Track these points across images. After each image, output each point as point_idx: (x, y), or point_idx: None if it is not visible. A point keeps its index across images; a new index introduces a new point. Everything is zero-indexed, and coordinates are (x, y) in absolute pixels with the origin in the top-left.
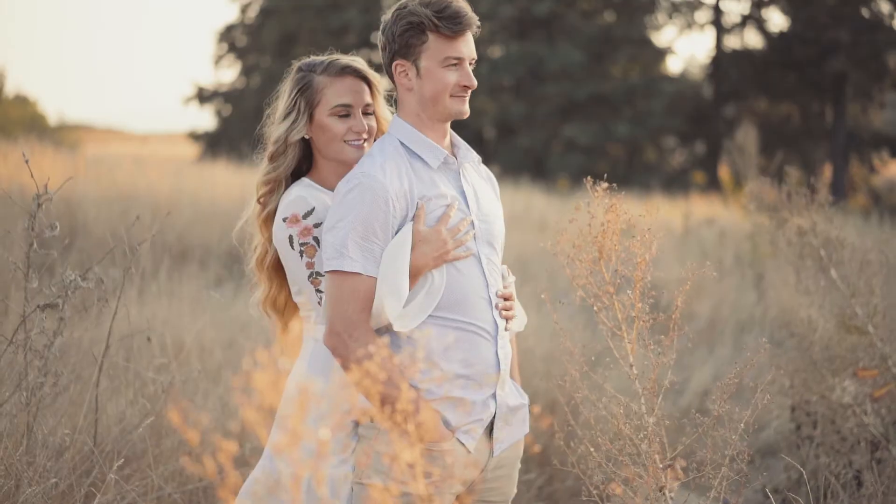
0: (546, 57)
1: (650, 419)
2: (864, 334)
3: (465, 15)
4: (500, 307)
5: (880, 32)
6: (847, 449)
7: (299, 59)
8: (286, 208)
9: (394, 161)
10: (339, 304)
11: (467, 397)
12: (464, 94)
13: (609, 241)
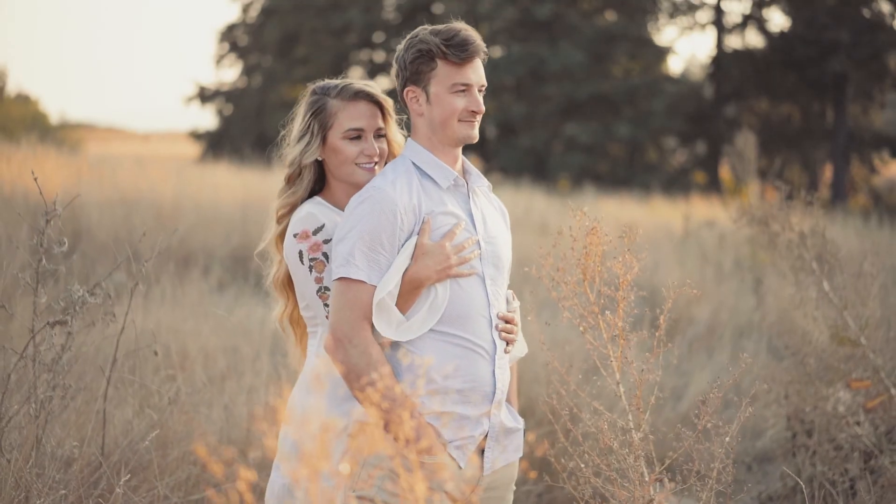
0: (547, 57)
1: (637, 434)
2: (857, 346)
3: (472, 43)
4: (500, 328)
5: (881, 33)
6: (841, 458)
7: (314, 82)
8: (297, 224)
9: (405, 178)
10: (342, 310)
11: (461, 412)
12: (472, 119)
13: (592, 263)
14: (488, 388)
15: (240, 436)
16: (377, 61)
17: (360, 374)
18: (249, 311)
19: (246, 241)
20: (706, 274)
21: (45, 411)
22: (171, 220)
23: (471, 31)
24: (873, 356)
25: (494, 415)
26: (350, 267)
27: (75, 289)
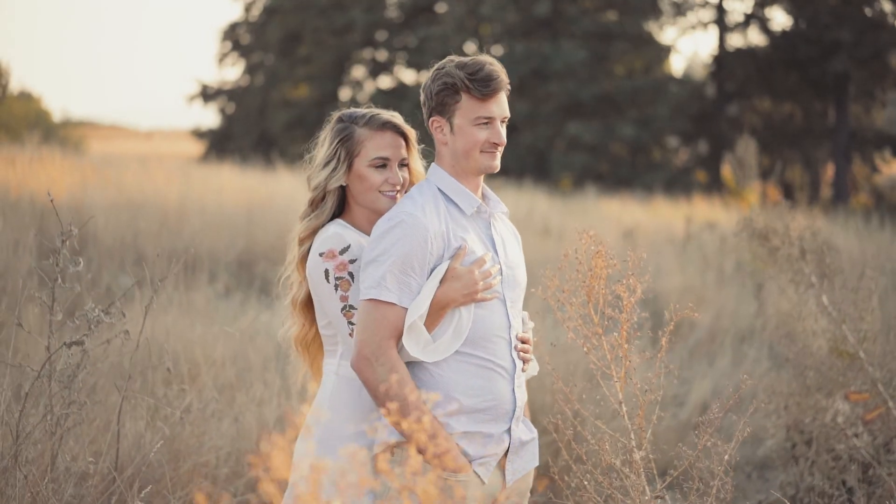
0: (549, 55)
1: (639, 453)
2: (856, 359)
3: (496, 79)
4: (519, 349)
5: (883, 32)
6: (840, 468)
7: (339, 110)
8: (323, 243)
9: (432, 204)
10: (369, 330)
11: (484, 431)
12: (493, 151)
13: (597, 285)
14: (509, 406)
15: (249, 447)
16: (379, 60)
17: (388, 396)
18: (256, 317)
19: (251, 245)
20: (707, 278)
21: (61, 428)
22: (177, 225)
23: (496, 65)
24: (872, 369)
25: (514, 430)
26: (382, 290)
27: (90, 307)
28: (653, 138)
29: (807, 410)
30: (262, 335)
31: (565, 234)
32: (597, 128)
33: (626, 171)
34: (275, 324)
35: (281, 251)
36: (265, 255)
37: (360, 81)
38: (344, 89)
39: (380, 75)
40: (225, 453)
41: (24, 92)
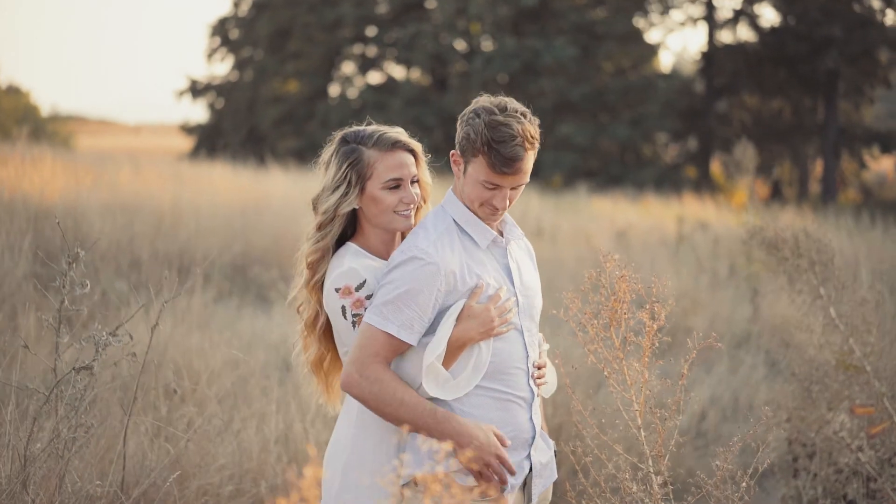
0: (540, 50)
1: (657, 479)
2: (862, 372)
3: (518, 161)
4: (535, 376)
5: (872, 28)
6: (842, 481)
7: (341, 130)
8: (339, 279)
9: (447, 237)
10: (359, 348)
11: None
12: (494, 213)
13: (619, 309)
14: (528, 435)
15: (252, 466)
16: (369, 56)
17: (382, 402)
18: (252, 323)
19: (246, 248)
20: (701, 282)
21: (69, 451)
22: (172, 228)
23: (523, 143)
24: (878, 384)
25: (533, 456)
26: (381, 318)
27: (97, 330)
28: (642, 135)
29: (811, 424)
30: (260, 341)
31: (559, 234)
32: (588, 128)
33: (616, 169)
34: (272, 329)
35: (276, 255)
36: (260, 259)
37: (350, 77)
38: (334, 85)
39: (369, 71)
40: (228, 473)
41: (13, 86)
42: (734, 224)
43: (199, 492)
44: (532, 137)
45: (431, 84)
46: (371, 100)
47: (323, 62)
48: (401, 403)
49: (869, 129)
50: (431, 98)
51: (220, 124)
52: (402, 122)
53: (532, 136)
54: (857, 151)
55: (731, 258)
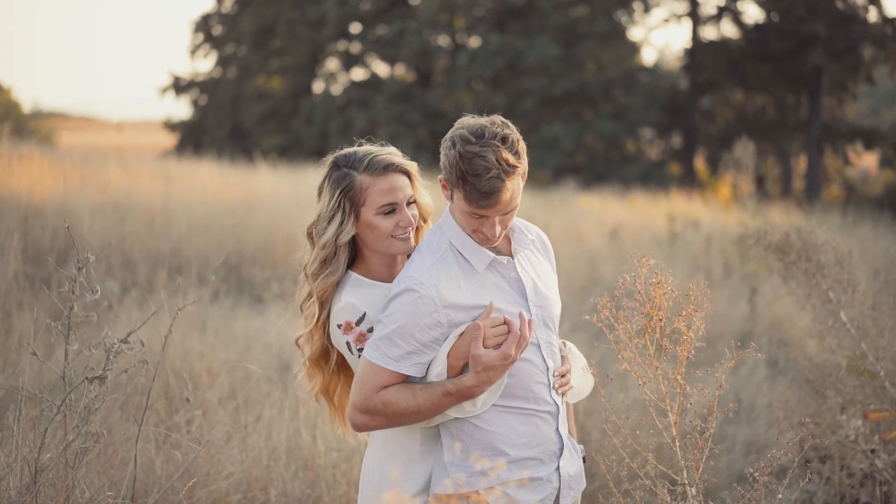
0: (524, 50)
1: (692, 490)
2: (875, 377)
3: (495, 194)
4: (557, 386)
5: (855, 25)
6: (855, 485)
7: (332, 152)
8: (339, 315)
9: (443, 263)
10: (359, 385)
11: (535, 475)
12: (483, 241)
13: (655, 316)
14: (555, 448)
15: (260, 473)
16: (353, 52)
17: (401, 418)
18: (247, 324)
19: (238, 248)
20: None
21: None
22: (163, 228)
23: (499, 174)
24: (892, 389)
25: (563, 468)
26: (377, 352)
27: (108, 337)
28: (626, 130)
29: (825, 429)
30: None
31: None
32: (572, 124)
33: (601, 166)
34: (268, 330)
35: (269, 254)
36: (253, 259)
37: (334, 74)
38: (318, 82)
39: (353, 67)
40: (236, 481)
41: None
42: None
43: (207, 500)
44: (510, 165)
45: (416, 81)
46: (355, 96)
47: (307, 59)
48: (417, 409)
49: (852, 126)
50: (416, 95)
51: (203, 121)
52: (387, 118)
53: (510, 163)
54: (841, 148)
55: (725, 256)
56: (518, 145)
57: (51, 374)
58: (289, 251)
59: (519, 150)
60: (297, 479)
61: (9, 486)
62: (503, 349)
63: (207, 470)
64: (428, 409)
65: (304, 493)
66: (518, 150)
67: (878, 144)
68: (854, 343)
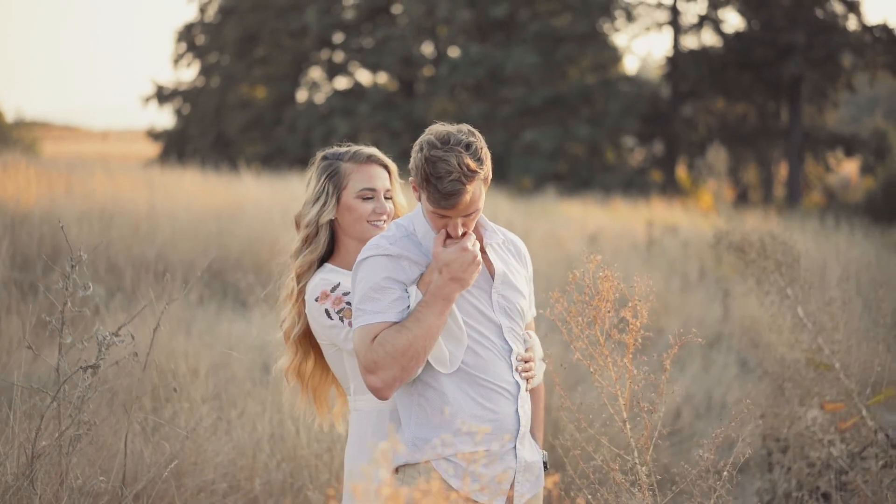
0: (504, 59)
1: (643, 469)
2: (831, 370)
3: (456, 195)
4: (520, 369)
5: (835, 34)
6: (815, 475)
7: (323, 150)
8: (313, 291)
9: (408, 241)
10: (361, 347)
11: (490, 449)
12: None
13: (603, 308)
14: (512, 426)
15: (246, 463)
16: (336, 61)
17: (397, 352)
18: (230, 327)
19: (223, 253)
20: (672, 285)
21: (75, 450)
22: (148, 234)
23: (460, 177)
24: (847, 380)
25: (519, 450)
26: (361, 316)
27: (100, 330)
28: (608, 138)
29: (784, 420)
30: (240, 344)
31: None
32: (553, 132)
33: (583, 173)
34: (251, 333)
35: (253, 258)
36: (237, 264)
37: (318, 82)
38: (301, 90)
39: (337, 76)
40: (222, 471)
41: None
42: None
43: (194, 488)
44: (471, 170)
45: (399, 89)
46: (338, 105)
47: (290, 68)
48: (412, 338)
49: (833, 133)
50: (399, 103)
51: (186, 130)
52: (370, 127)
53: (471, 168)
54: (822, 155)
55: (701, 261)
56: (481, 152)
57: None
58: (272, 257)
59: (482, 156)
60: (281, 470)
61: (6, 471)
62: (460, 243)
63: (194, 459)
64: (420, 331)
65: (287, 482)
66: (481, 157)
67: (858, 151)
68: (811, 338)
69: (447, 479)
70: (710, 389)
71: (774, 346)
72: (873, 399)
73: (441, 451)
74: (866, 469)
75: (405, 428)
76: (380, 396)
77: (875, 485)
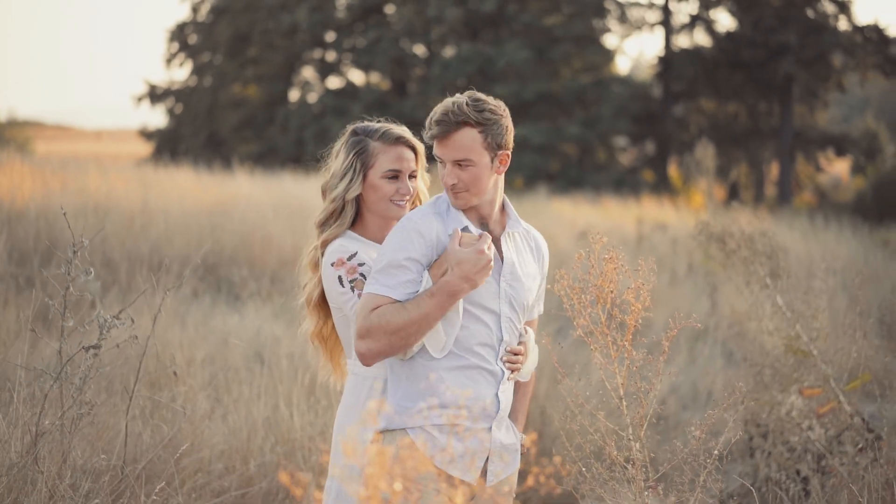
0: (495, 56)
1: (636, 445)
2: (809, 356)
3: (440, 125)
4: (505, 359)
5: (826, 34)
6: (795, 459)
7: (353, 123)
8: (331, 255)
9: (439, 220)
10: (359, 316)
11: (466, 426)
12: (450, 191)
13: (607, 288)
14: (490, 408)
15: (241, 445)
16: (329, 61)
17: (393, 329)
18: (225, 320)
19: (216, 248)
20: (661, 279)
21: (77, 428)
22: (142, 229)
23: (448, 115)
24: (824, 366)
25: (495, 431)
26: (376, 285)
27: (101, 314)
28: (599, 139)
29: (763, 406)
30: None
31: None
32: (544, 128)
33: (575, 172)
34: (245, 326)
35: (246, 253)
36: (231, 259)
37: (310, 82)
38: (293, 90)
39: (329, 76)
40: (218, 451)
41: None
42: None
43: (192, 468)
44: (462, 112)
45: (391, 89)
46: (331, 104)
47: (282, 67)
48: (409, 320)
49: (823, 133)
50: (391, 102)
51: (179, 129)
52: None
53: (463, 111)
54: (812, 155)
55: (690, 257)
56: (486, 112)
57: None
58: (265, 252)
59: (485, 115)
60: (275, 452)
61: (10, 450)
62: (476, 245)
63: (192, 441)
64: (417, 316)
65: (281, 463)
66: (483, 111)
67: (849, 151)
68: (790, 325)
69: (422, 447)
70: (696, 380)
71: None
72: (850, 385)
73: (420, 420)
74: (844, 453)
75: (391, 394)
76: (363, 362)
77: (852, 467)
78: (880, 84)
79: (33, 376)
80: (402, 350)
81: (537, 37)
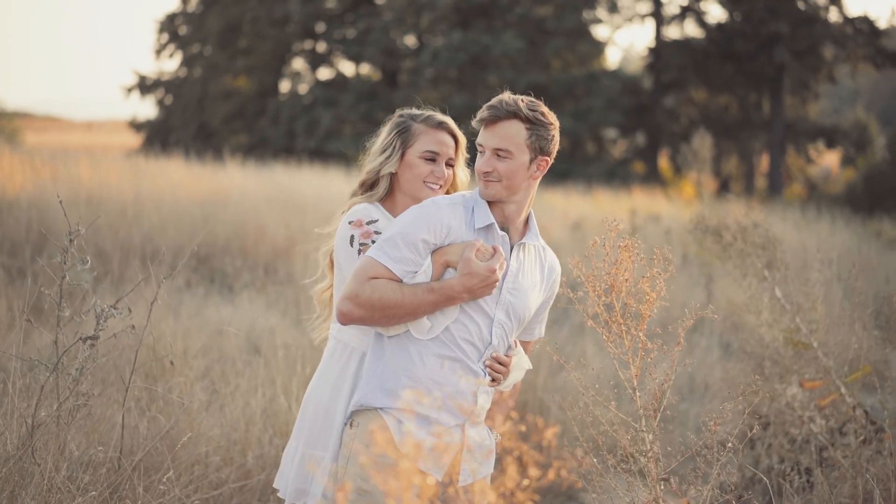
0: (490, 44)
1: (649, 436)
2: (809, 348)
3: (488, 110)
4: (487, 363)
5: (817, 25)
6: (796, 451)
7: (401, 109)
8: (353, 213)
9: (460, 210)
10: (354, 277)
11: (437, 417)
12: (483, 179)
13: (622, 276)
14: (467, 405)
15: (239, 437)
16: (319, 52)
17: (381, 304)
18: (218, 311)
19: (209, 239)
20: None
21: (73, 419)
22: (135, 220)
23: (498, 106)
24: (825, 358)
25: (468, 429)
26: (379, 251)
27: (97, 303)
28: (590, 130)
29: (764, 398)
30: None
31: None
32: None
33: (566, 164)
34: (239, 317)
35: (239, 244)
36: (224, 249)
37: (300, 73)
38: (284, 81)
39: (320, 67)
40: (216, 442)
41: None
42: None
43: (189, 461)
44: (514, 103)
45: (382, 80)
46: (321, 95)
47: (273, 58)
48: (401, 302)
49: (814, 125)
50: (382, 93)
51: (169, 120)
52: (353, 117)
53: (517, 103)
54: (803, 146)
55: (684, 248)
56: (538, 114)
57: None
58: (258, 242)
59: (536, 115)
60: (273, 444)
61: (6, 441)
62: (490, 262)
63: (189, 433)
64: (409, 303)
65: (279, 455)
66: (535, 112)
67: (839, 143)
68: (790, 317)
69: (392, 431)
70: (694, 372)
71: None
72: (851, 376)
73: (388, 402)
74: (846, 445)
75: (370, 371)
76: (339, 320)
77: (855, 459)
78: (871, 76)
79: (28, 367)
80: (380, 326)
81: (528, 28)
